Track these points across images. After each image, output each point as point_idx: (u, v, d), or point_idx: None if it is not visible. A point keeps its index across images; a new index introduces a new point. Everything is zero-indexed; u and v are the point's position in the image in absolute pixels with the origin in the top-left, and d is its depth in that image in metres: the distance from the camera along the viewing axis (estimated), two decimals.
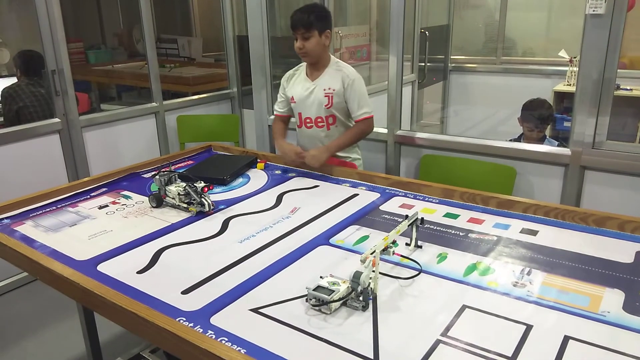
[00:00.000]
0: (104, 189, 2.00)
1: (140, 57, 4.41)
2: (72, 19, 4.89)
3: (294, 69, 2.38)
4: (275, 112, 2.44)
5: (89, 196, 1.93)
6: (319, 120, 2.26)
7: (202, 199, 1.73)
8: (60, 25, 2.75)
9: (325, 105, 2.22)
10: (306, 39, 2.14)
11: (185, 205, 1.76)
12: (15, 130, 2.76)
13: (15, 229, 1.66)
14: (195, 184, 1.76)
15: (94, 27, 5.35)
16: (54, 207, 1.83)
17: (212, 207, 1.74)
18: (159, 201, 1.81)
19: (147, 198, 1.85)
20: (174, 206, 1.79)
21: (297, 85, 2.31)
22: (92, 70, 4.79)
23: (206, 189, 1.76)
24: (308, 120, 2.29)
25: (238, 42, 3.87)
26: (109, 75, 4.75)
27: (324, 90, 2.22)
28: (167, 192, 1.80)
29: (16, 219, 1.74)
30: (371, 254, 1.18)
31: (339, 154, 2.28)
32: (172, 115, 3.52)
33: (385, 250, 1.25)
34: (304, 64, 2.33)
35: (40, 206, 1.84)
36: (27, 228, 1.66)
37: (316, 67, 2.26)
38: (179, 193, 1.75)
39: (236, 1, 3.85)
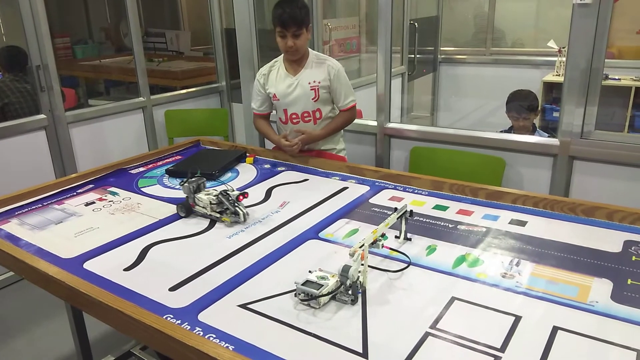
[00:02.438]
0: (91, 186, 1.98)
1: (128, 51, 4.36)
2: (58, 14, 4.84)
3: (268, 65, 2.26)
4: (254, 111, 2.33)
5: (75, 193, 1.91)
6: (306, 114, 2.22)
7: (237, 208, 1.58)
8: (44, 20, 2.71)
9: (312, 99, 2.19)
10: (297, 37, 2.06)
11: (217, 215, 1.61)
12: (1, 127, 2.72)
13: (0, 227, 1.63)
14: (228, 192, 1.59)
15: (80, 22, 5.29)
16: (40, 205, 1.81)
17: (247, 217, 1.60)
18: (188, 210, 1.65)
19: (176, 207, 1.68)
20: (204, 216, 1.63)
21: (278, 82, 2.21)
22: (79, 65, 4.75)
23: (241, 198, 1.59)
24: (294, 116, 2.24)
25: (226, 35, 3.83)
26: (97, 70, 4.70)
27: (309, 83, 2.17)
28: (196, 201, 1.64)
29: (1, 217, 1.71)
30: (360, 247, 1.17)
31: (325, 146, 2.30)
32: (160, 110, 3.49)
33: (374, 243, 1.25)
34: (279, 59, 2.24)
35: (25, 204, 1.81)
36: (12, 226, 1.64)
37: (298, 61, 2.19)
38: (210, 202, 1.60)
39: None
